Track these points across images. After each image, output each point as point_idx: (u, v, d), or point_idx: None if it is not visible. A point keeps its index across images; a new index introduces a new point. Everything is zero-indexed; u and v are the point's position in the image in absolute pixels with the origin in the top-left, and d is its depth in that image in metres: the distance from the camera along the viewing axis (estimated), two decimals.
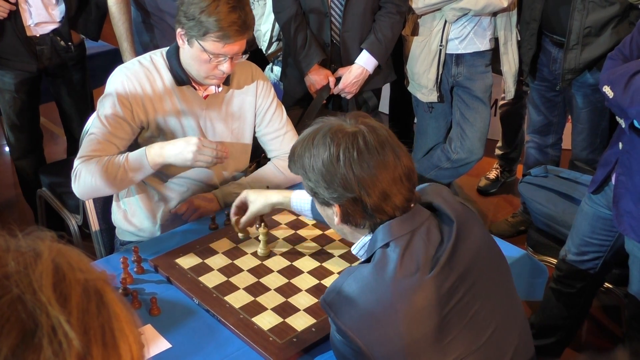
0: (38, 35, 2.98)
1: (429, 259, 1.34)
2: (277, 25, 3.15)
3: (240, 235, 2.01)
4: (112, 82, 2.11)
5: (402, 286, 1.30)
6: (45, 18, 2.96)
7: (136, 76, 2.10)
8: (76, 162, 2.04)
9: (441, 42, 3.10)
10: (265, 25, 3.25)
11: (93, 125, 2.10)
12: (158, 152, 2.01)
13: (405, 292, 1.29)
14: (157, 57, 2.16)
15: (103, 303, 0.61)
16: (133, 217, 2.27)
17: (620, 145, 2.13)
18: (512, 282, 1.52)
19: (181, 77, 2.12)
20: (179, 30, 2.03)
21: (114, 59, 3.62)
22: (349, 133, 1.39)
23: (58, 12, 2.99)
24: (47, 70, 3.08)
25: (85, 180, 2.01)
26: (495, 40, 3.15)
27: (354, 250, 1.49)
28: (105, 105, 2.08)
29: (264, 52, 3.33)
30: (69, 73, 3.15)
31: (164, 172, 2.20)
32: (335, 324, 1.33)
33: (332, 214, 1.44)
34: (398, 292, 1.29)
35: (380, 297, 1.30)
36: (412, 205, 1.41)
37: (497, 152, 4.02)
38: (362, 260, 1.45)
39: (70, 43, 3.05)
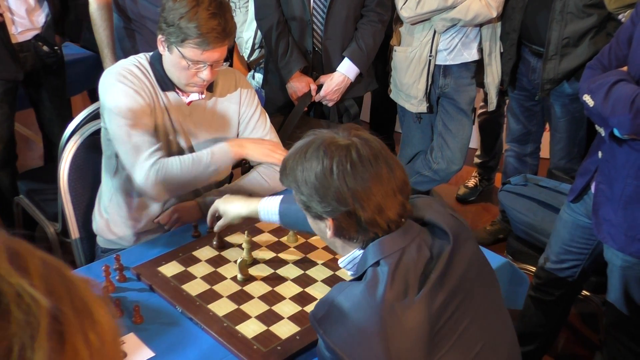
0: (21, 42, 2.97)
1: (417, 278, 1.33)
2: (259, 33, 3.15)
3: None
4: (111, 91, 2.03)
5: (392, 307, 1.28)
6: (28, 25, 2.97)
7: (131, 79, 2.04)
8: (146, 164, 2.01)
9: (430, 52, 3.12)
10: (247, 33, 3.25)
11: (120, 139, 2.02)
12: (238, 142, 2.17)
13: (395, 313, 1.28)
14: (143, 60, 2.12)
15: (66, 276, 0.60)
16: (115, 226, 2.24)
17: (600, 154, 2.15)
18: (501, 297, 1.51)
19: (165, 83, 2.10)
20: (159, 37, 2.01)
21: (93, 64, 3.60)
22: (342, 146, 1.36)
23: (40, 18, 2.99)
24: (30, 76, 3.07)
25: (171, 175, 2.03)
26: (481, 51, 3.18)
27: (342, 263, 1.47)
28: (119, 110, 2.00)
29: (246, 59, 3.32)
30: (50, 78, 3.15)
31: None
32: (324, 341, 1.32)
33: (325, 227, 1.41)
34: (388, 313, 1.28)
35: (370, 317, 1.28)
36: (404, 219, 1.40)
37: (476, 160, 4.05)
38: (353, 277, 1.43)
39: (55, 47, 3.07)
